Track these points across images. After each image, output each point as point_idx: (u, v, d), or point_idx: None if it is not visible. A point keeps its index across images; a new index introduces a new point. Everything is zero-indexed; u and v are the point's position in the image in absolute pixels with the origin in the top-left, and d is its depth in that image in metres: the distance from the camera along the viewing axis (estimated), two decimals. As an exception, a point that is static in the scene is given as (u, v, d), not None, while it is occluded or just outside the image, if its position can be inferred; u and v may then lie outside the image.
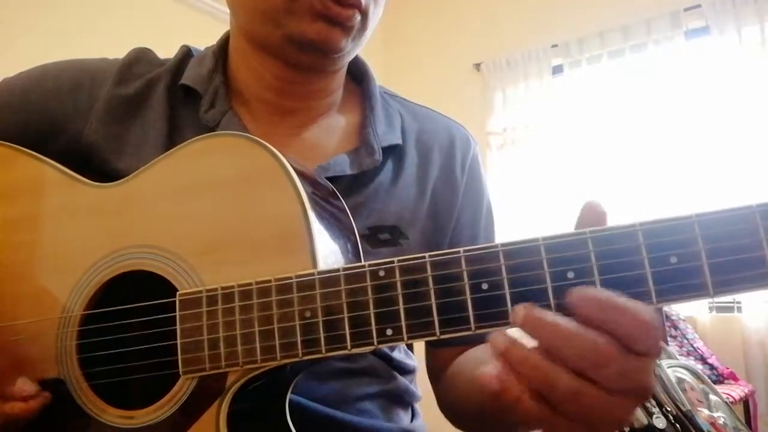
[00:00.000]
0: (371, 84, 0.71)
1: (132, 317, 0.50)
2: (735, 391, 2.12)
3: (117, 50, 0.71)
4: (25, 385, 0.50)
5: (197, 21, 2.61)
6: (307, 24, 0.56)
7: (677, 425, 1.38)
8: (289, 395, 0.50)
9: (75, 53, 0.71)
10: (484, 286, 0.39)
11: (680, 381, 1.49)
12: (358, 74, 0.73)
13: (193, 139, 0.53)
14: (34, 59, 0.69)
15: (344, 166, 0.63)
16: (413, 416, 0.73)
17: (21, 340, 0.52)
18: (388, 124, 0.69)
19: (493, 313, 0.39)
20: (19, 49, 1.96)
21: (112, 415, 0.50)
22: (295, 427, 0.50)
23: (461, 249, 0.40)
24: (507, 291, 0.39)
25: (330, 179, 0.60)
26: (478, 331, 0.39)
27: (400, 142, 0.68)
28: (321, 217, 0.49)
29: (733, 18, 2.61)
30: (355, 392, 0.64)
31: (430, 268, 0.41)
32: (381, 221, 0.64)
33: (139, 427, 0.48)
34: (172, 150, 0.54)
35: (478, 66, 3.31)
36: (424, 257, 0.41)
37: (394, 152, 0.68)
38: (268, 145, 0.50)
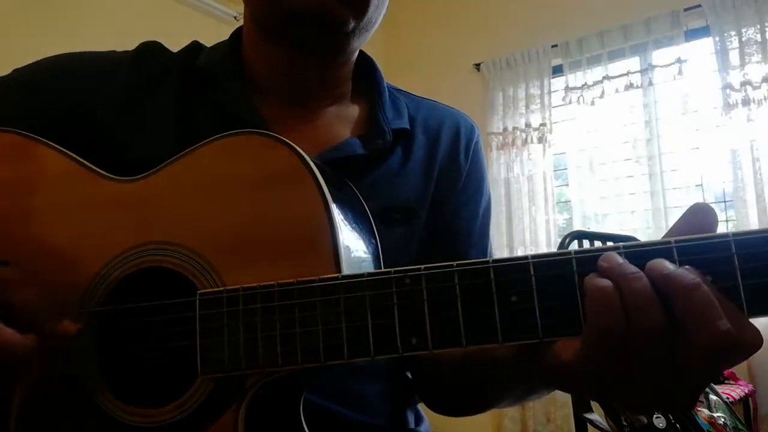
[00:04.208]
0: (378, 76, 0.73)
1: (151, 315, 0.50)
2: (735, 391, 2.13)
3: (118, 50, 0.70)
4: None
5: (197, 21, 2.60)
6: None
7: (677, 425, 1.38)
8: (304, 395, 0.49)
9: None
10: (513, 298, 0.38)
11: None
12: (365, 69, 0.74)
13: (217, 135, 0.52)
14: (34, 58, 0.68)
15: (355, 146, 0.65)
16: (417, 420, 0.72)
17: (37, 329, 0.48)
18: (395, 110, 0.71)
19: (521, 325, 0.38)
20: (18, 49, 1.95)
21: (129, 414, 0.48)
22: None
23: (490, 259, 0.40)
24: (536, 304, 0.38)
25: (342, 161, 0.61)
26: (506, 344, 0.39)
27: (408, 126, 0.70)
28: (343, 218, 0.48)
29: (733, 18, 2.61)
30: (361, 390, 0.64)
31: (457, 278, 0.40)
32: (393, 202, 0.66)
33: (157, 426, 0.47)
34: (195, 146, 0.53)
35: (478, 66, 3.31)
36: (451, 266, 0.40)
37: (403, 136, 0.70)
38: (293, 144, 0.50)
